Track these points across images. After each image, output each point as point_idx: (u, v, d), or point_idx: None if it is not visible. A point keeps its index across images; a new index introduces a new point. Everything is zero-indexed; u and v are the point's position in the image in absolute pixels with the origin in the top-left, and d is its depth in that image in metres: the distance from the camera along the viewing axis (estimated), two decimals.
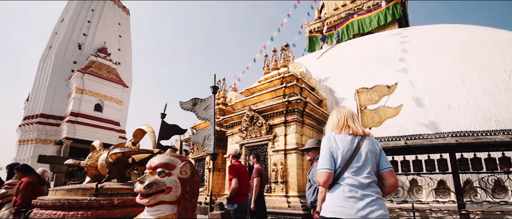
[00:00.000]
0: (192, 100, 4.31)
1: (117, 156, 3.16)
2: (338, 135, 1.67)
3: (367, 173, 1.52)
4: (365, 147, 1.60)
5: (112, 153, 3.19)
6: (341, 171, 1.56)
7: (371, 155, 1.59)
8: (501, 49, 7.66)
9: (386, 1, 14.31)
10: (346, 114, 1.77)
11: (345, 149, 1.59)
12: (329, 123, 1.84)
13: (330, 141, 1.67)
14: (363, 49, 10.51)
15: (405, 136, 5.68)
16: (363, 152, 1.58)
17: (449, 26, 10.83)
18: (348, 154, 1.57)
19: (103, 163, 3.32)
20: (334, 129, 1.74)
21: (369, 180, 1.51)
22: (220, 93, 10.13)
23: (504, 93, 6.37)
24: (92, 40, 22.85)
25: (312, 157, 3.28)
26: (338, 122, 1.75)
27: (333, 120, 1.80)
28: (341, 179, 1.55)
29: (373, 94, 6.00)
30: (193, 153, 9.80)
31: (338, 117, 1.77)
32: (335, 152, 1.61)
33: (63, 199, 2.77)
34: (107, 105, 21.17)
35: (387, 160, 1.67)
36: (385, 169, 1.60)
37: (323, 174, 1.58)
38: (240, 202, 4.20)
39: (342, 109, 1.83)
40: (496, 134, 5.20)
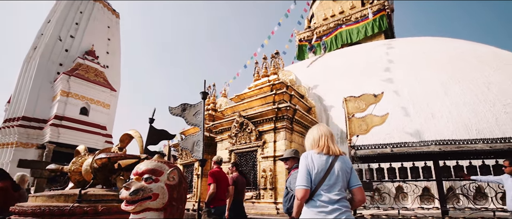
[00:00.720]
0: (181, 106, 4.29)
1: (103, 161, 3.09)
2: (315, 155, 1.84)
3: (338, 190, 1.72)
4: (337, 167, 1.78)
5: (97, 158, 3.11)
6: (315, 188, 1.74)
7: (342, 173, 1.77)
8: (480, 62, 8.06)
9: (373, 13, 14.89)
10: (327, 133, 1.91)
11: (320, 168, 1.77)
12: (309, 138, 1.97)
13: (307, 159, 1.84)
14: (351, 58, 10.78)
15: (391, 144, 5.83)
16: (335, 171, 1.76)
17: (432, 39, 11.31)
18: (321, 173, 1.75)
19: (88, 168, 3.24)
20: (314, 146, 1.90)
21: (339, 196, 1.70)
22: (210, 99, 10.10)
23: (483, 104, 6.67)
24: (79, 42, 22.36)
25: (290, 166, 3.41)
26: (319, 140, 1.89)
27: (314, 137, 1.94)
28: (316, 195, 1.74)
29: (361, 102, 6.14)
30: (182, 158, 9.67)
31: (319, 135, 1.91)
32: (311, 170, 1.78)
33: (44, 205, 2.67)
34: (93, 109, 20.65)
35: (357, 178, 1.85)
36: (355, 186, 1.81)
37: (301, 190, 1.75)
38: (217, 207, 4.32)
39: (322, 128, 1.96)
40: (476, 142, 5.42)
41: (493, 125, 6.26)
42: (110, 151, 3.55)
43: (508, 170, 4.25)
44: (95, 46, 22.88)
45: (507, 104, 6.56)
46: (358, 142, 6.08)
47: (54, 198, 2.84)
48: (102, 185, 3.25)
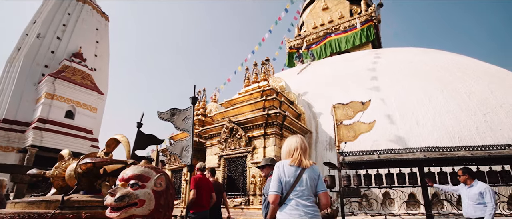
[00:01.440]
0: (170, 111, 4.24)
1: (88, 166, 3.01)
2: (287, 166, 2.09)
3: (307, 195, 1.99)
4: (306, 175, 2.04)
5: (82, 163, 3.03)
6: (287, 194, 2.00)
7: (310, 181, 2.03)
8: (462, 73, 8.42)
9: (361, 23, 15.41)
10: (302, 147, 2.16)
11: (290, 177, 2.03)
12: (285, 148, 2.22)
13: (279, 169, 2.09)
14: (339, 66, 11.02)
15: (378, 151, 5.94)
16: (304, 179, 2.02)
17: (417, 50, 11.75)
18: (291, 181, 2.02)
19: (72, 173, 3.15)
20: (288, 157, 2.16)
21: (307, 201, 1.98)
22: (200, 104, 10.05)
23: (465, 112, 6.93)
24: (66, 44, 21.85)
25: (266, 173, 3.53)
26: (293, 152, 2.14)
27: (289, 148, 2.18)
28: (288, 200, 2.00)
29: (349, 110, 6.26)
30: (170, 164, 9.52)
31: (295, 148, 2.15)
32: (282, 178, 2.04)
33: (23, 212, 2.56)
34: (79, 112, 20.10)
35: (323, 184, 2.11)
36: (320, 191, 2.07)
37: (272, 195, 2.02)
38: (197, 213, 4.33)
39: (299, 142, 2.18)
40: (459, 150, 5.61)
41: (474, 133, 6.51)
42: (96, 156, 3.47)
43: (462, 179, 4.45)
44: (83, 49, 22.41)
45: (487, 113, 6.85)
46: (346, 149, 6.18)
47: (35, 204, 2.74)
48: (86, 190, 3.16)
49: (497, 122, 6.64)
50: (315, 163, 2.20)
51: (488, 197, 3.97)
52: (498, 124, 6.58)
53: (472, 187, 4.26)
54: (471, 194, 4.19)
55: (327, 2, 17.43)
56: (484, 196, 4.02)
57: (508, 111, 6.86)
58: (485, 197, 4.01)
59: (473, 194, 4.16)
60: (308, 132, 7.97)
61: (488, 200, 3.96)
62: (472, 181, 4.31)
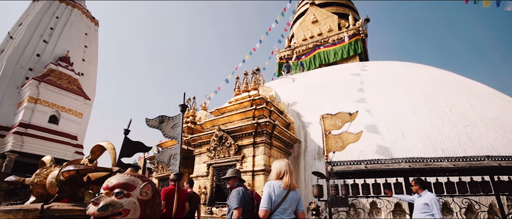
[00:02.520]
0: (159, 118, 4.19)
1: (70, 174, 2.92)
2: (276, 186, 2.44)
3: (289, 212, 2.40)
4: (290, 196, 2.44)
5: (64, 170, 2.94)
6: (274, 210, 2.36)
7: (293, 201, 2.45)
8: (444, 87, 8.79)
9: (349, 37, 15.98)
10: (291, 172, 2.54)
11: (278, 196, 2.40)
12: (276, 169, 2.57)
13: (270, 188, 2.44)
14: (328, 78, 11.26)
15: (365, 161, 6.05)
16: (289, 199, 2.42)
17: (401, 63, 12.22)
18: (279, 199, 2.39)
19: (53, 180, 3.05)
20: (277, 178, 2.53)
21: (289, 217, 2.39)
22: (190, 112, 9.99)
23: (447, 124, 7.19)
24: (53, 47, 21.34)
25: (231, 185, 3.58)
26: (284, 175, 2.51)
27: (281, 171, 2.54)
28: (274, 215, 2.37)
29: (337, 120, 6.37)
30: (158, 172, 9.33)
31: (284, 171, 2.53)
32: (272, 197, 2.39)
33: None
34: (64, 117, 19.48)
35: (302, 205, 2.55)
36: (300, 210, 2.50)
37: (263, 210, 2.36)
38: None
39: (288, 167, 2.55)
40: (442, 160, 5.79)
41: (456, 144, 6.74)
42: (80, 163, 3.38)
43: (414, 189, 4.62)
44: (70, 53, 21.94)
45: (467, 126, 7.13)
46: (334, 158, 6.25)
47: (12, 213, 2.62)
48: (68, 199, 3.06)
49: (477, 134, 6.91)
50: (298, 187, 2.66)
51: (434, 208, 4.11)
52: (478, 136, 6.85)
53: (420, 197, 4.42)
54: (418, 204, 4.36)
55: (316, 15, 17.94)
56: (430, 207, 4.16)
57: (487, 123, 7.17)
58: (431, 208, 4.15)
59: (419, 204, 4.33)
60: (297, 141, 8.03)
61: (434, 211, 4.10)
62: (422, 191, 4.49)
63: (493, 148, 6.54)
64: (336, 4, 18.87)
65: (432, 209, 4.12)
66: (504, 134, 6.85)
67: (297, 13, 20.39)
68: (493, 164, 5.38)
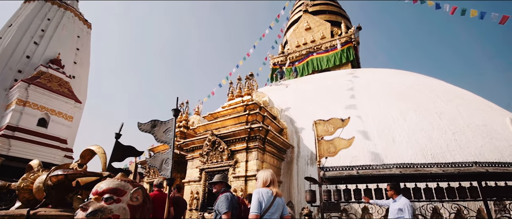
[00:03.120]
0: (151, 122, 4.16)
1: (59, 178, 2.87)
2: (265, 193, 2.67)
3: (277, 215, 2.65)
4: (277, 202, 2.69)
5: (52, 174, 2.88)
6: (263, 214, 2.57)
7: (279, 206, 2.70)
8: (433, 94, 9.01)
9: (341, 44, 16.32)
10: (275, 180, 2.83)
11: (267, 201, 2.63)
12: (262, 178, 2.83)
13: (259, 194, 2.66)
14: (321, 84, 11.39)
15: (357, 166, 6.10)
16: (276, 204, 2.67)
17: (392, 71, 12.48)
18: (268, 204, 2.61)
19: (41, 185, 2.98)
20: (264, 186, 2.78)
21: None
22: (183, 116, 9.93)
23: (437, 131, 7.35)
24: (44, 49, 21.00)
25: (218, 190, 3.69)
26: (270, 183, 2.78)
27: (267, 179, 2.81)
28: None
29: (329, 126, 6.42)
30: (149, 176, 9.20)
31: (270, 180, 2.80)
32: (262, 202, 2.60)
33: None
34: (54, 120, 19.08)
35: (287, 210, 2.83)
36: (285, 214, 2.77)
37: (253, 215, 2.54)
38: None
39: (273, 176, 2.83)
40: (431, 166, 5.88)
41: (445, 151, 6.88)
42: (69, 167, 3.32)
43: (389, 193, 4.74)
44: (61, 55, 21.62)
45: (456, 132, 7.29)
46: (326, 164, 6.29)
47: None
48: (56, 204, 2.99)
49: (465, 140, 7.07)
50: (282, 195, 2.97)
51: (406, 213, 4.21)
52: (466, 143, 7.01)
53: (395, 202, 4.53)
54: (393, 209, 4.46)
55: (310, 23, 18.23)
56: (403, 212, 4.26)
57: (474, 130, 7.35)
58: (404, 213, 4.25)
59: (394, 209, 4.43)
60: (290, 146, 8.06)
61: (406, 215, 4.20)
62: (397, 196, 4.60)
63: (481, 154, 6.70)
64: (329, 12, 19.23)
65: (404, 214, 4.22)
66: (491, 141, 7.03)
67: (291, 20, 20.68)
68: (480, 170, 5.50)
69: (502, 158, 6.50)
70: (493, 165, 5.67)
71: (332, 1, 20.34)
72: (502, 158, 6.48)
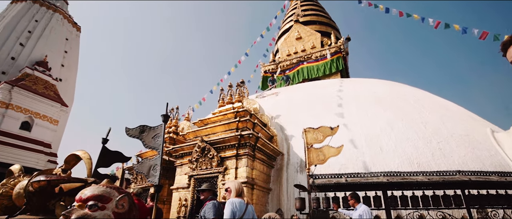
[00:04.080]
0: (139, 127, 4.10)
1: (41, 184, 2.78)
2: (238, 202, 3.03)
3: None
4: (248, 210, 3.08)
5: (34, 180, 2.79)
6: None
7: (250, 214, 3.07)
8: (418, 104, 9.30)
9: (331, 54, 16.77)
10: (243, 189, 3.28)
11: (240, 210, 2.98)
12: (234, 189, 3.20)
13: (233, 205, 3.00)
14: (311, 93, 11.56)
15: (345, 174, 6.17)
16: (248, 212, 3.05)
17: (380, 81, 12.82)
18: (241, 212, 2.98)
19: (21, 191, 2.88)
20: (237, 195, 3.16)
21: None
22: (172, 122, 9.82)
23: (422, 140, 7.55)
24: (30, 51, 20.48)
25: (205, 197, 3.90)
26: (241, 193, 3.20)
27: (238, 189, 3.21)
28: None
29: (319, 134, 6.50)
30: (136, 183, 8.99)
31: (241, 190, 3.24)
32: (236, 212, 2.95)
33: None
34: (38, 124, 18.47)
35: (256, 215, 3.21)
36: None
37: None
38: None
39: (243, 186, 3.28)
40: (417, 175, 6.02)
41: (430, 159, 7.06)
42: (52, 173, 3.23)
43: (350, 203, 4.94)
44: (48, 58, 21.12)
45: (440, 142, 7.51)
46: (316, 171, 6.33)
47: None
48: (37, 212, 2.88)
49: (449, 150, 7.29)
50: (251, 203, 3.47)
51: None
52: (450, 152, 7.23)
53: (356, 210, 4.75)
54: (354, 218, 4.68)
55: (300, 32, 18.62)
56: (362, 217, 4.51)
57: (458, 140, 7.59)
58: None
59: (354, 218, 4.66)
60: (280, 153, 8.08)
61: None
62: (357, 204, 4.82)
63: (464, 163, 6.91)
64: (319, 23, 19.70)
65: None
66: (473, 151, 7.27)
67: (282, 29, 21.03)
68: (464, 179, 5.67)
69: (484, 167, 6.73)
70: (476, 174, 5.86)
71: (322, 12, 20.87)
72: (484, 167, 6.70)
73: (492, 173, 5.89)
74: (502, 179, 5.73)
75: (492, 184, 5.68)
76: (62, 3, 24.73)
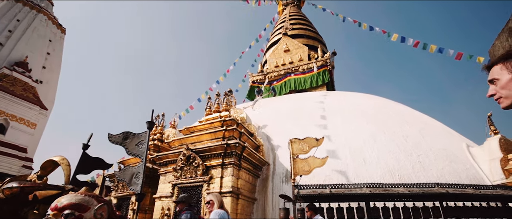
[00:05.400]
0: (123, 134, 4.00)
1: (13, 191, 2.64)
2: (221, 214, 3.30)
3: None
4: None
5: (6, 187, 2.66)
6: None
7: None
8: (399, 118, 9.67)
9: (317, 67, 17.29)
10: (223, 201, 3.59)
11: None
12: (217, 201, 3.46)
13: (220, 215, 3.27)
14: (298, 104, 11.76)
15: (330, 185, 6.25)
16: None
17: (364, 95, 13.27)
18: None
19: None
20: (219, 206, 3.41)
21: None
22: (158, 129, 9.65)
23: (403, 153, 7.80)
24: (9, 51, 19.66)
25: (181, 208, 4.07)
26: (222, 204, 3.48)
27: (220, 200, 3.50)
28: None
29: (304, 145, 6.59)
30: (117, 191, 8.67)
31: (222, 201, 3.52)
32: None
33: None
34: (14, 127, 17.57)
35: None
36: None
37: None
38: None
39: (223, 199, 3.59)
40: (398, 187, 6.19)
41: (411, 172, 7.29)
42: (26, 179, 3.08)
43: (308, 214, 5.12)
44: (29, 59, 20.34)
45: (420, 155, 7.80)
46: (301, 182, 6.37)
47: None
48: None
49: (428, 162, 7.57)
50: None
51: None
52: (429, 165, 7.50)
53: None
54: None
55: (288, 45, 19.10)
56: None
57: (436, 153, 7.90)
58: None
59: None
60: (266, 163, 8.08)
61: None
62: (315, 216, 4.99)
63: (442, 176, 7.18)
64: (306, 37, 20.28)
65: None
66: (450, 164, 7.58)
67: (271, 41, 21.47)
68: (441, 191, 5.88)
69: (460, 180, 7.02)
70: (453, 187, 6.10)
71: (310, 27, 21.53)
72: (460, 180, 6.99)
73: (468, 186, 6.15)
74: (476, 191, 6.00)
75: (467, 196, 5.93)
76: (47, 4, 24.09)
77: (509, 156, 7.51)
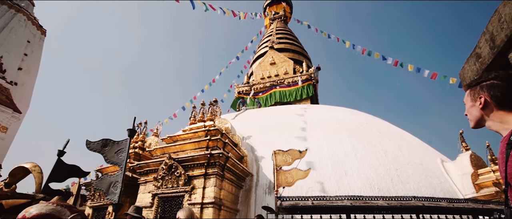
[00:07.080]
0: (102, 141, 3.86)
1: None
2: None
3: None
4: None
5: None
6: None
7: None
8: (379, 132, 10.02)
9: (302, 81, 17.82)
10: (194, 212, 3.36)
11: None
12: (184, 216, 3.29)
13: None
14: (282, 116, 11.93)
15: (312, 197, 6.28)
16: None
17: (346, 109, 13.72)
18: None
19: None
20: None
21: None
22: (139, 137, 9.38)
23: (382, 167, 8.05)
24: None
25: None
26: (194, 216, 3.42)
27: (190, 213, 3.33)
28: None
29: (288, 156, 6.65)
30: (93, 200, 8.27)
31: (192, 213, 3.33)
32: None
33: None
34: None
35: None
36: None
37: None
38: None
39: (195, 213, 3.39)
40: (378, 199, 6.33)
41: (390, 185, 7.51)
42: None
43: None
44: (4, 59, 19.34)
45: (398, 169, 8.08)
46: (284, 193, 6.37)
47: None
48: None
49: (405, 176, 7.84)
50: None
51: None
52: (407, 178, 7.77)
53: None
54: None
55: (275, 58, 19.58)
56: None
57: (413, 167, 8.22)
58: None
59: None
60: (249, 174, 8.03)
61: None
62: None
63: (418, 190, 7.44)
64: (292, 51, 20.87)
65: None
66: (426, 178, 7.90)
67: (258, 53, 21.85)
68: (418, 204, 6.08)
69: (435, 193, 7.30)
70: (428, 200, 6.32)
71: (296, 42, 22.21)
72: (435, 193, 7.27)
73: (442, 199, 6.40)
74: (450, 205, 6.25)
75: (442, 209, 6.16)
76: (27, 4, 23.22)
77: (479, 171, 7.93)
